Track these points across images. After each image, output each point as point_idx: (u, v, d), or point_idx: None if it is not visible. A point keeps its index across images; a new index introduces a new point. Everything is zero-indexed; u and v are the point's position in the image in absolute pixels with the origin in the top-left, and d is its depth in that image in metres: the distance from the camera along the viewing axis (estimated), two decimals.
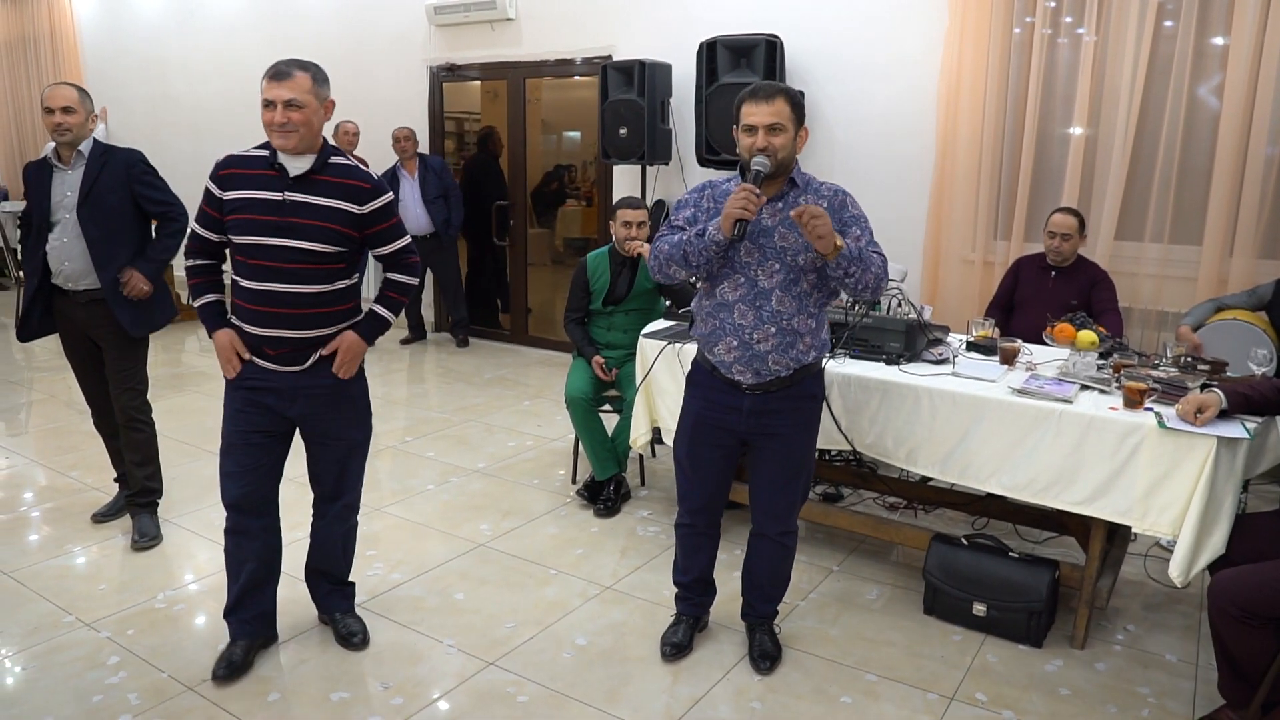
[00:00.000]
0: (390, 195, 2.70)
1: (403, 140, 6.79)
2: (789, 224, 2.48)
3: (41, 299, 3.47)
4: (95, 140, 3.44)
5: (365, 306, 2.76)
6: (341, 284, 2.66)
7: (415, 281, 2.81)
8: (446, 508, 4.03)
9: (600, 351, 4.07)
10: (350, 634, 2.93)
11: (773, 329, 2.51)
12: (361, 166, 2.69)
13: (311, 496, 2.90)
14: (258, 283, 2.57)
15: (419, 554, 3.57)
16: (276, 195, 2.55)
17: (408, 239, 2.76)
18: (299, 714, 2.57)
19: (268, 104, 2.52)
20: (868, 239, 2.51)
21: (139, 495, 3.66)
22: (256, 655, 2.83)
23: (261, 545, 2.78)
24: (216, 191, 2.60)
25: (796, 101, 2.47)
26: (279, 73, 2.53)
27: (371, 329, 2.74)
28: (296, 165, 2.58)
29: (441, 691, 2.68)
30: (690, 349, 3.22)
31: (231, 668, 2.73)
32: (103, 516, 3.79)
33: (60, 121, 3.32)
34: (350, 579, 3.03)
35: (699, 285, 2.64)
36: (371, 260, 7.39)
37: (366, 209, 2.62)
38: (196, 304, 2.73)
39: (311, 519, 2.91)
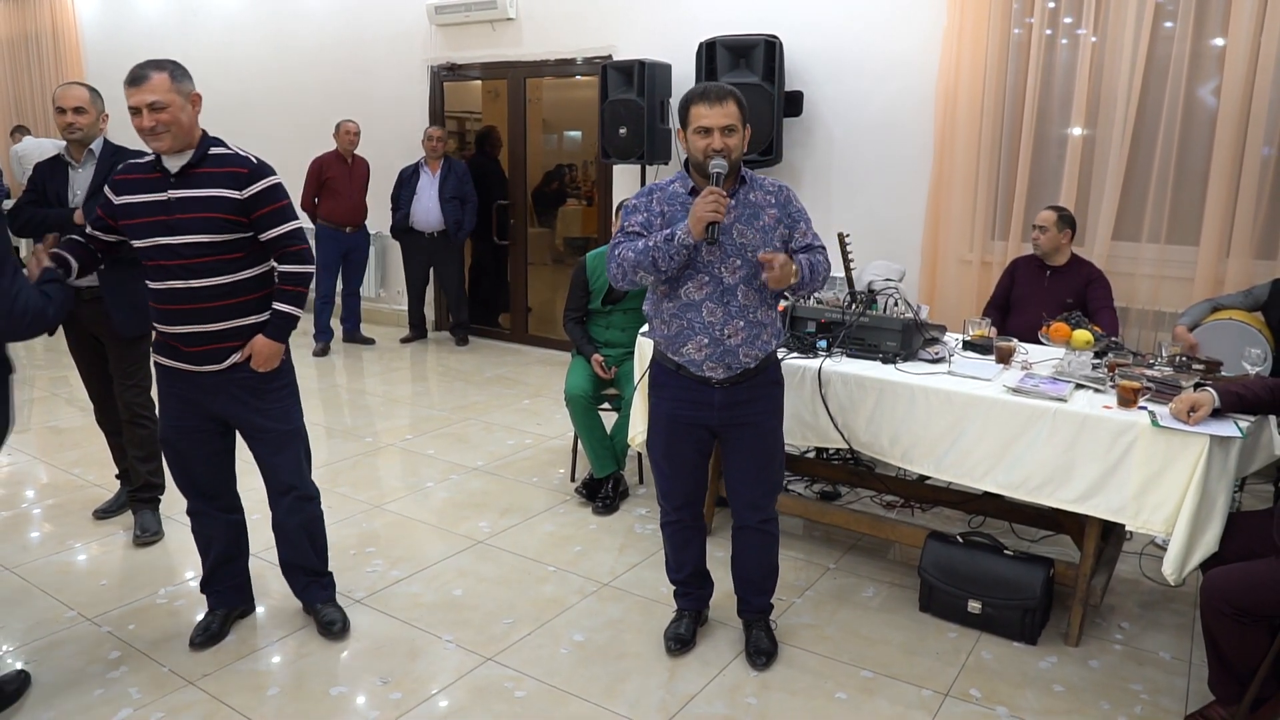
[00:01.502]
0: (275, 180, 2.70)
1: (435, 139, 6.85)
2: (745, 220, 2.56)
3: None
4: (105, 140, 3.47)
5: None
6: (246, 274, 2.69)
7: (307, 269, 2.77)
8: (446, 505, 4.05)
9: (599, 350, 4.10)
10: (330, 623, 2.99)
11: (741, 323, 2.56)
12: (243, 153, 2.71)
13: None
14: (161, 282, 2.64)
15: (418, 551, 3.59)
16: (162, 196, 2.61)
17: (294, 225, 2.74)
18: (298, 708, 2.59)
19: (134, 111, 2.56)
20: (812, 234, 2.67)
21: (141, 491, 3.68)
22: (233, 624, 2.99)
23: (223, 525, 2.92)
24: (111, 196, 2.68)
25: (743, 102, 2.53)
26: (136, 78, 2.56)
27: (278, 328, 2.74)
28: (176, 163, 2.64)
29: (440, 687, 2.70)
30: None
31: (208, 635, 2.90)
32: (104, 513, 3.81)
33: (72, 121, 3.37)
34: (328, 569, 3.08)
35: (656, 288, 2.66)
36: (376, 264, 7.47)
37: (247, 193, 2.64)
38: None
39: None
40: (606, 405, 4.16)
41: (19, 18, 10.28)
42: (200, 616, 2.97)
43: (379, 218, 7.22)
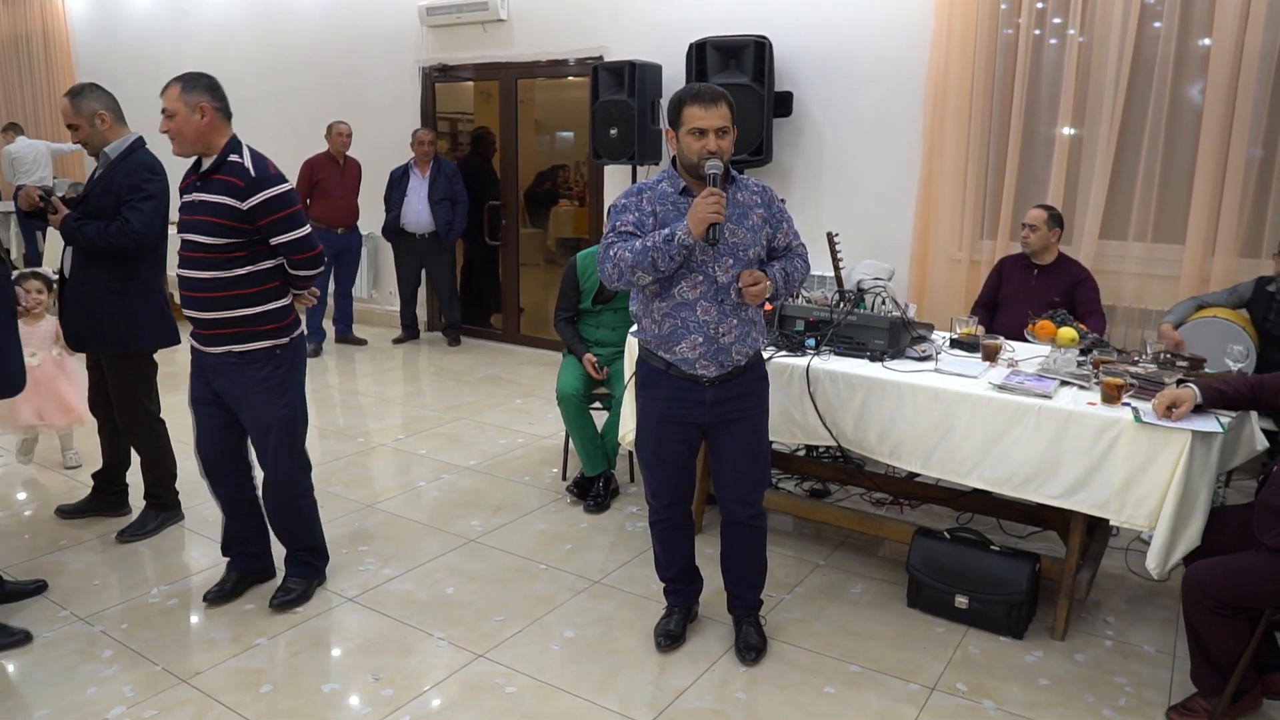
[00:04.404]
0: (278, 190, 2.86)
1: (426, 143, 6.88)
2: (736, 219, 2.59)
3: None
4: (137, 140, 3.43)
5: None
6: (240, 271, 2.86)
7: (316, 273, 3.01)
8: (438, 504, 4.07)
9: (590, 349, 4.11)
10: (284, 590, 3.14)
11: (735, 321, 2.60)
12: (249, 164, 2.85)
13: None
14: (178, 269, 2.93)
15: (411, 549, 3.61)
16: (191, 196, 2.89)
17: (300, 233, 2.91)
18: (291, 705, 2.61)
19: None
20: (793, 233, 2.76)
21: (147, 492, 3.72)
22: (249, 588, 3.21)
23: (226, 496, 3.14)
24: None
25: (733, 103, 2.57)
26: (163, 88, 2.85)
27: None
28: (205, 166, 2.87)
29: (432, 683, 2.72)
30: None
31: (221, 593, 3.13)
32: (67, 513, 3.80)
33: (72, 136, 3.41)
34: (306, 547, 3.21)
35: (645, 288, 2.66)
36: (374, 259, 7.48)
37: (248, 204, 2.81)
38: None
39: None
40: (598, 404, 4.18)
41: (9, 17, 10.26)
42: (194, 616, 3.00)
43: (371, 219, 7.23)
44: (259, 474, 3.15)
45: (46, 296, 4.05)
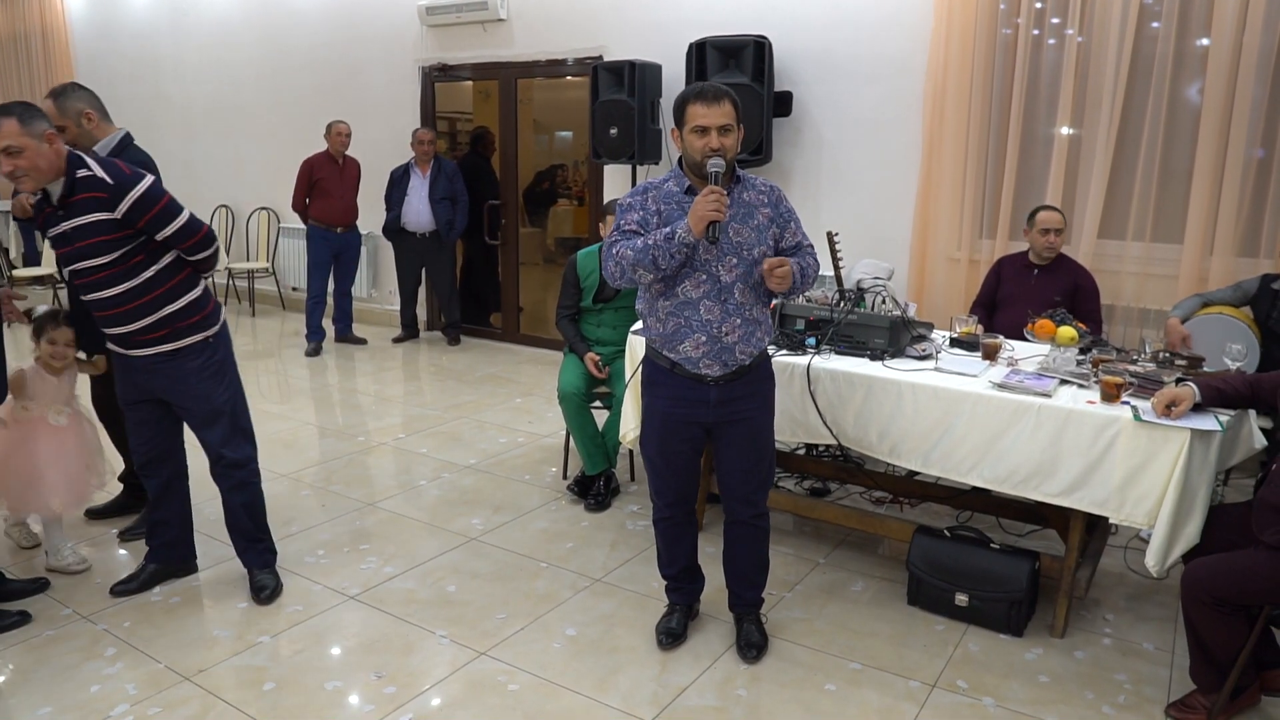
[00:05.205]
0: (144, 187, 2.77)
1: (426, 143, 6.88)
2: (741, 219, 2.60)
3: None
4: (124, 136, 3.40)
5: None
6: (147, 274, 2.84)
7: (210, 252, 2.96)
8: (439, 503, 4.08)
9: (591, 348, 4.12)
10: (260, 587, 3.16)
11: (738, 320, 2.61)
12: (101, 172, 2.74)
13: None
14: (83, 295, 2.88)
15: (412, 548, 3.62)
16: (57, 228, 2.78)
17: (182, 221, 2.86)
18: (294, 703, 2.61)
19: None
20: (802, 233, 2.75)
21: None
22: (162, 582, 3.24)
23: (161, 486, 3.18)
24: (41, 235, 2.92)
25: (738, 102, 2.57)
26: None
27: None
28: (55, 193, 2.77)
29: (434, 681, 2.73)
30: None
31: (129, 587, 3.17)
32: (97, 514, 3.82)
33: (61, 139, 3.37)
34: (265, 536, 3.24)
35: (650, 287, 2.67)
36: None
37: (121, 211, 2.75)
38: None
39: None
40: (599, 403, 4.19)
41: (7, 17, 10.26)
42: (196, 614, 3.00)
43: (371, 218, 7.24)
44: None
45: (74, 351, 3.40)
